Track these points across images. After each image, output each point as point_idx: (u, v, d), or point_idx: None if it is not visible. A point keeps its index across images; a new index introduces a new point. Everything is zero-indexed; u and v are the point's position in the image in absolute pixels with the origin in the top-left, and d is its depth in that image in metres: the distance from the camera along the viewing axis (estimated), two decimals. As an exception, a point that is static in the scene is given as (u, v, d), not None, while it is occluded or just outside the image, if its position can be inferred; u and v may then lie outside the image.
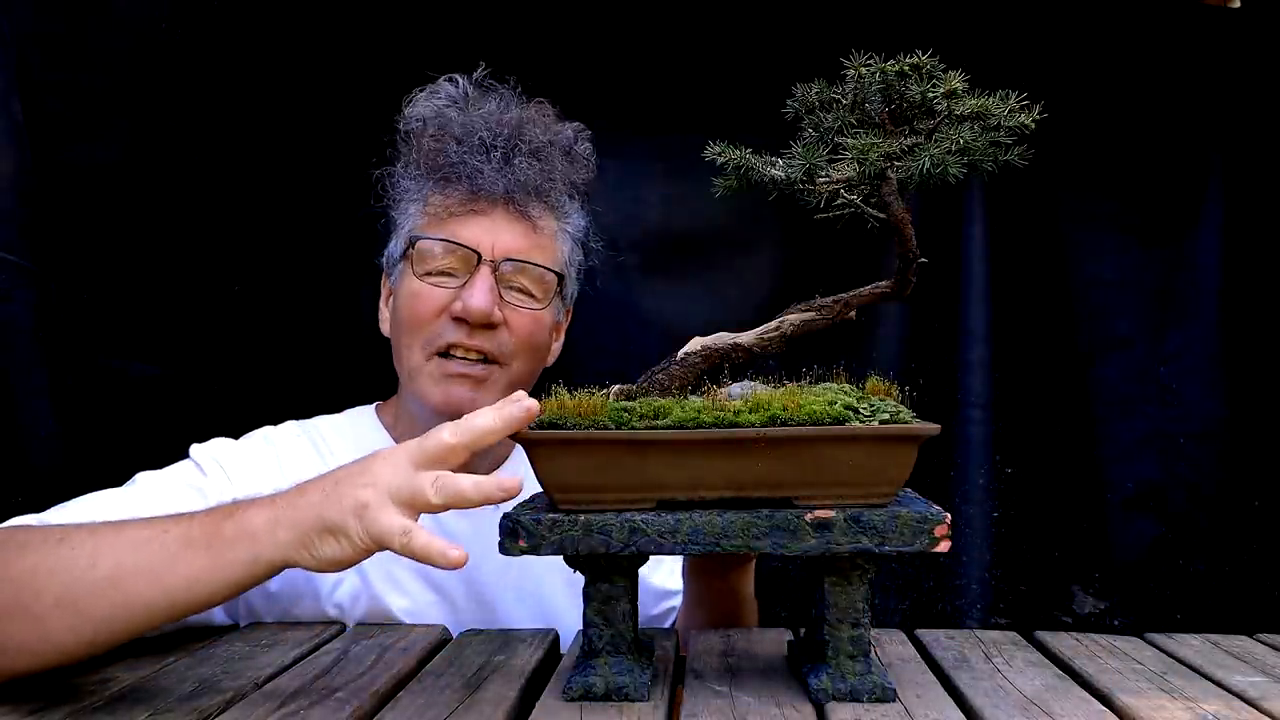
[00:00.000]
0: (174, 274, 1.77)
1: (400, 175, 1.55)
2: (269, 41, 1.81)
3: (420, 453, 1.02)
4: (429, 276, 1.47)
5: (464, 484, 1.00)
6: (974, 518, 1.90)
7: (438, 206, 1.48)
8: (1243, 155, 1.91)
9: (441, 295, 1.46)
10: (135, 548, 1.06)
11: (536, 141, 1.51)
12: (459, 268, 1.47)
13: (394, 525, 0.99)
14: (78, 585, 1.05)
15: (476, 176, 1.47)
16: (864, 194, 1.08)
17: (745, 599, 1.47)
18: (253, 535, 1.04)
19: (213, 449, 1.44)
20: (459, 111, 1.52)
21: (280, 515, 1.04)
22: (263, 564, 1.04)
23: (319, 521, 1.02)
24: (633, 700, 1.03)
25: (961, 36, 1.74)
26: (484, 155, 1.48)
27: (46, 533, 1.12)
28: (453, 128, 1.50)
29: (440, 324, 1.46)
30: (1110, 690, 1.08)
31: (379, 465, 1.03)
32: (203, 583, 1.05)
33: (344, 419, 1.59)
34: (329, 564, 1.03)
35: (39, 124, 1.65)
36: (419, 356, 1.47)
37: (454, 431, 1.03)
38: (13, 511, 1.27)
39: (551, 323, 1.56)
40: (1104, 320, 1.94)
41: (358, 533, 1.00)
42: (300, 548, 1.02)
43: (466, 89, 1.54)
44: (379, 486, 1.01)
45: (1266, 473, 1.89)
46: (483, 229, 1.47)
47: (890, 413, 1.03)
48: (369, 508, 1.00)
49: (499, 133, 1.50)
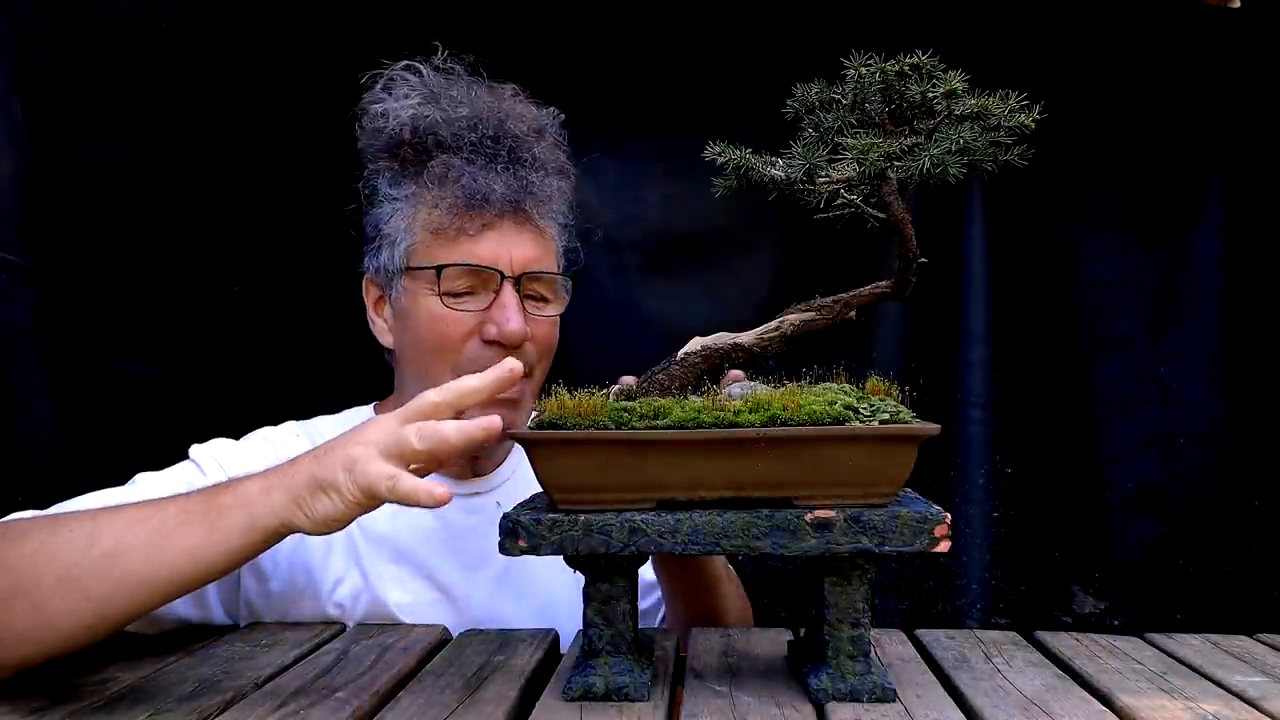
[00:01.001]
0: (174, 274, 1.77)
1: (379, 181, 1.51)
2: (269, 41, 1.81)
3: (407, 412, 1.06)
4: (449, 298, 1.45)
5: (446, 428, 1.03)
6: (974, 518, 1.90)
7: (444, 224, 1.44)
8: (1243, 155, 1.91)
9: (468, 319, 1.44)
10: (132, 525, 1.08)
11: (527, 140, 1.50)
12: (479, 286, 1.45)
13: (381, 472, 1.02)
14: (78, 566, 1.06)
15: (486, 191, 1.44)
16: (864, 194, 1.08)
17: (716, 579, 1.48)
18: (248, 503, 1.07)
19: (213, 449, 1.44)
20: (436, 109, 1.47)
21: (274, 480, 1.07)
22: (259, 529, 1.06)
23: (311, 480, 1.05)
24: (633, 700, 1.03)
25: (961, 36, 1.74)
26: (483, 164, 1.45)
27: (44, 520, 1.14)
28: (438, 130, 1.46)
29: (470, 348, 1.44)
30: (1110, 690, 1.08)
31: (368, 427, 1.07)
32: (202, 552, 1.06)
33: (342, 419, 1.59)
34: (324, 522, 1.05)
35: (39, 124, 1.65)
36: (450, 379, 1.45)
37: (439, 392, 1.07)
38: (13, 511, 1.27)
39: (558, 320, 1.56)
40: (1104, 320, 1.94)
41: (347, 486, 1.03)
42: (294, 507, 1.05)
43: (432, 81, 1.50)
44: (368, 443, 1.04)
45: (1266, 473, 1.89)
46: (497, 243, 1.45)
47: (890, 413, 1.03)
48: (358, 461, 1.03)
49: (486, 133, 1.47)
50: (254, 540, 1.07)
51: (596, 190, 1.95)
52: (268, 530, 1.06)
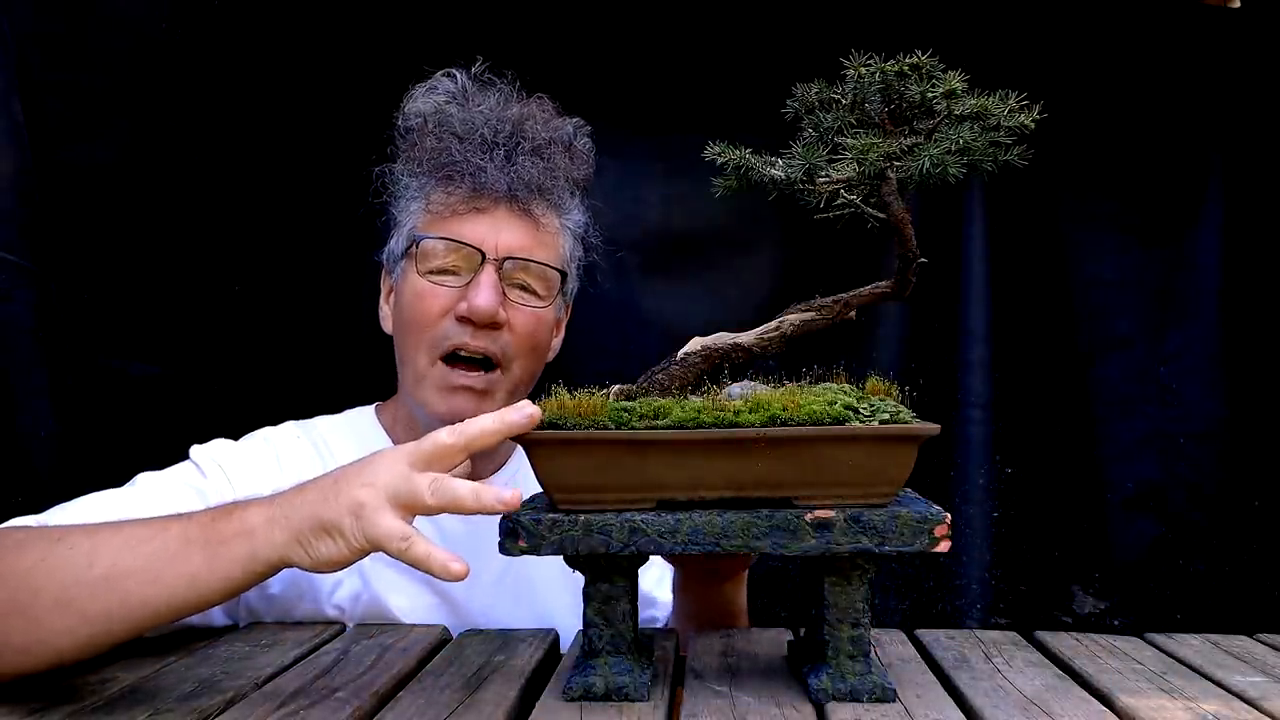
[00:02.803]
0: (174, 274, 1.77)
1: (401, 172, 1.55)
2: (269, 41, 1.81)
3: (418, 453, 1.03)
4: (432, 275, 1.47)
5: (462, 490, 1.00)
6: (974, 518, 1.90)
7: (440, 205, 1.48)
8: (1243, 155, 1.91)
9: (446, 295, 1.46)
10: (133, 547, 1.06)
11: (538, 138, 1.51)
12: (462, 266, 1.47)
13: (393, 530, 0.99)
14: (76, 585, 1.04)
15: (479, 174, 1.46)
16: (864, 194, 1.08)
17: (740, 611, 1.47)
18: (250, 534, 1.05)
19: (213, 450, 1.44)
20: (459, 108, 1.52)
21: (277, 514, 1.05)
22: (260, 562, 1.04)
23: (315, 521, 1.02)
24: (633, 700, 1.03)
25: (961, 36, 1.74)
26: (486, 153, 1.48)
27: (44, 533, 1.12)
28: (454, 124, 1.50)
29: (445, 325, 1.46)
30: (1110, 690, 1.08)
31: (377, 466, 1.03)
32: (201, 581, 1.05)
33: (343, 420, 1.59)
34: (325, 564, 1.03)
35: (39, 124, 1.65)
36: (424, 361, 1.47)
37: (451, 433, 1.04)
38: (13, 512, 1.27)
39: (552, 320, 1.56)
40: (1104, 320, 1.94)
41: (353, 533, 1.01)
42: (296, 546, 1.03)
43: (465, 84, 1.54)
44: (376, 487, 1.01)
45: (1266, 473, 1.89)
46: (486, 227, 1.47)
47: (890, 413, 1.03)
48: (365, 508, 1.00)
49: (500, 129, 1.50)
50: (255, 571, 1.05)
51: (597, 190, 1.95)
52: (269, 563, 1.05)
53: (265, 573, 1.06)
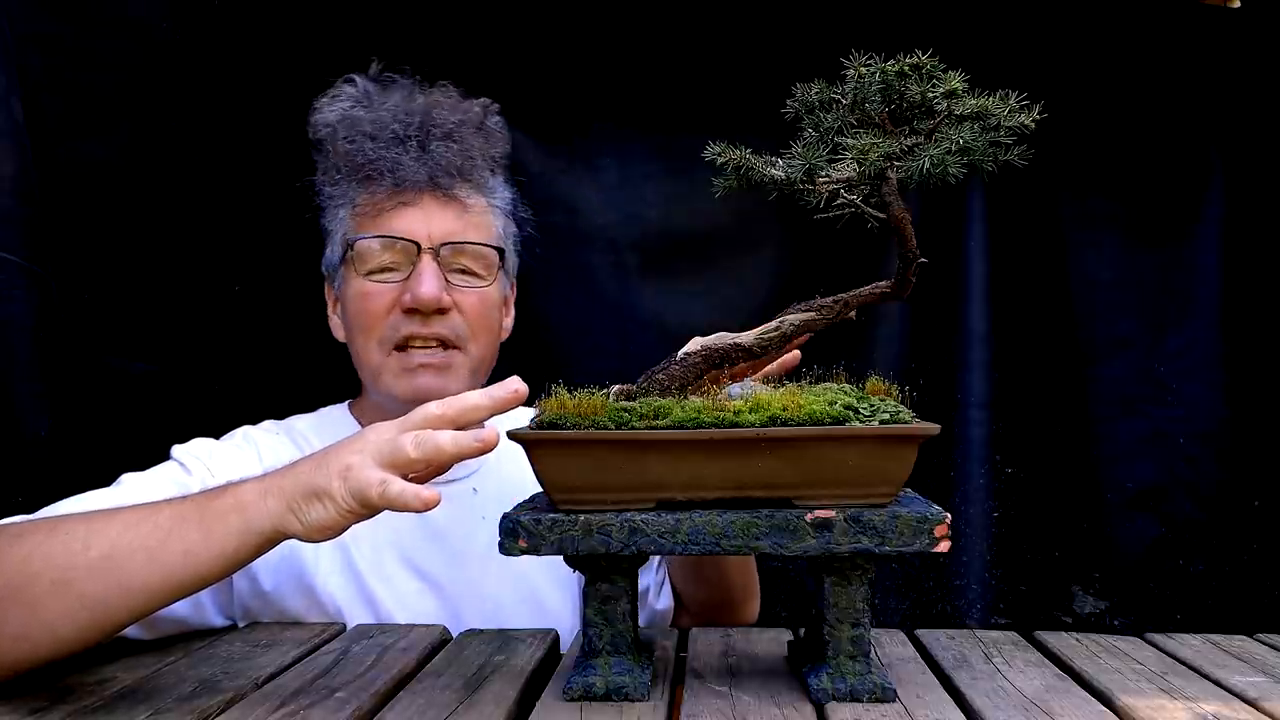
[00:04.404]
0: (174, 274, 1.77)
1: (323, 183, 1.57)
2: (269, 41, 1.81)
3: (406, 421, 1.06)
4: (372, 275, 1.49)
5: (442, 439, 1.03)
6: (974, 518, 1.90)
7: (366, 205, 1.50)
8: (1243, 155, 1.91)
9: (389, 291, 1.48)
10: (128, 528, 1.08)
11: (448, 124, 1.53)
12: (400, 261, 1.49)
13: (372, 478, 1.02)
14: (73, 568, 1.06)
15: (398, 169, 1.48)
16: (864, 194, 1.08)
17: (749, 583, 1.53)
18: (243, 507, 1.07)
19: (194, 447, 1.46)
20: (365, 109, 1.54)
21: (271, 485, 1.07)
22: (254, 533, 1.06)
23: (308, 487, 1.05)
24: (633, 700, 1.03)
25: (961, 36, 1.74)
26: (400, 147, 1.50)
27: (39, 523, 1.14)
28: (363, 125, 1.52)
29: (393, 319, 1.47)
30: (1110, 690, 1.08)
31: (367, 434, 1.07)
32: (197, 555, 1.06)
33: (318, 417, 1.61)
34: (317, 529, 1.05)
35: (39, 124, 1.65)
36: (378, 355, 1.49)
37: (441, 404, 1.06)
38: (13, 511, 1.27)
39: (499, 299, 1.57)
40: (1104, 320, 1.94)
41: (341, 493, 1.03)
42: (289, 513, 1.05)
43: (367, 87, 1.57)
44: (365, 451, 1.04)
45: (1266, 473, 1.89)
46: (415, 219, 1.49)
47: (890, 413, 1.03)
48: (352, 468, 1.03)
49: (410, 122, 1.52)
50: (249, 543, 1.07)
51: (597, 190, 1.95)
52: (262, 534, 1.06)
53: (260, 544, 1.07)
